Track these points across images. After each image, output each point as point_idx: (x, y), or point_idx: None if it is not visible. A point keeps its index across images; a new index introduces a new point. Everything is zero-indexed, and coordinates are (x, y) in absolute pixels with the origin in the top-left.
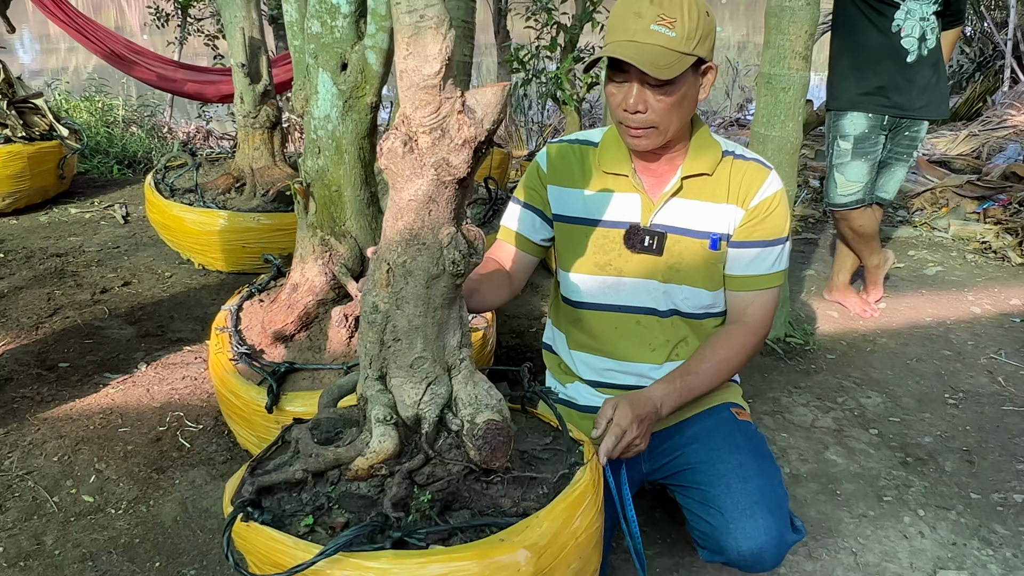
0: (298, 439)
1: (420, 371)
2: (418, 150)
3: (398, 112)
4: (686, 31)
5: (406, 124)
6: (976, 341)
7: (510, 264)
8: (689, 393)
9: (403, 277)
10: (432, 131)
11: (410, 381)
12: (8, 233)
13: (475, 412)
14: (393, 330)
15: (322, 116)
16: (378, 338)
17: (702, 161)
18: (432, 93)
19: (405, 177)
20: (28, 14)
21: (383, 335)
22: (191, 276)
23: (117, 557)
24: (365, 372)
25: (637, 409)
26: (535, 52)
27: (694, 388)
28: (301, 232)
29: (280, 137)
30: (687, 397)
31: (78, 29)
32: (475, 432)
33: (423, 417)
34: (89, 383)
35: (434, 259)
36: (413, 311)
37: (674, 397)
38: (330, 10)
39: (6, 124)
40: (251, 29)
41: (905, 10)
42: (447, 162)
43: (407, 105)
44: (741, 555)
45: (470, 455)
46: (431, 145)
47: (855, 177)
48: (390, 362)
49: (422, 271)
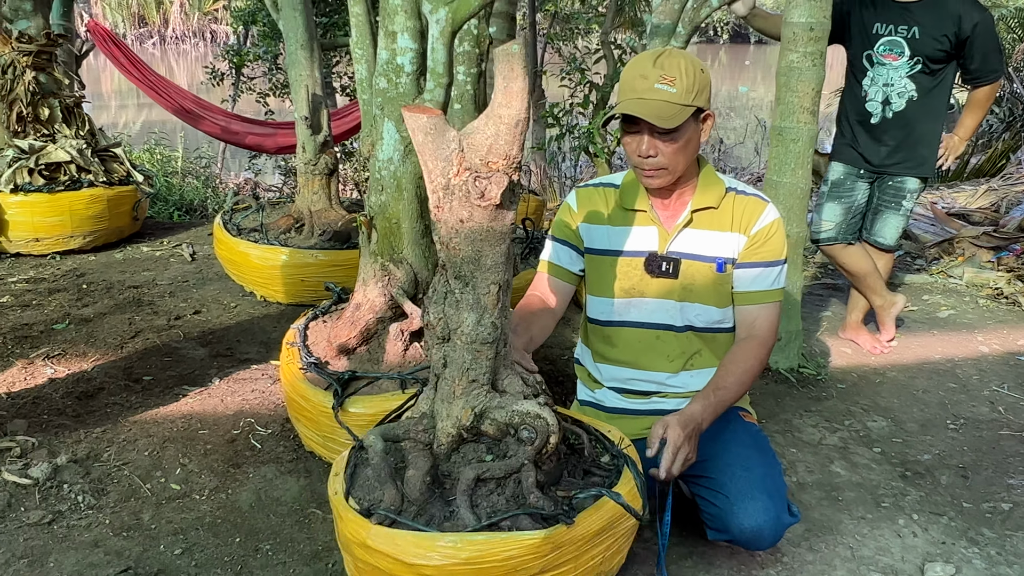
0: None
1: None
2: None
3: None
4: (684, 87)
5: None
6: (981, 376)
7: (551, 293)
8: (722, 405)
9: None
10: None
11: (513, 374)
12: (88, 268)
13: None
14: (504, 338)
15: (385, 159)
16: (495, 352)
17: (708, 196)
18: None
19: (507, 208)
20: (83, 73)
21: (498, 348)
22: (254, 307)
23: (203, 533)
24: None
25: (686, 428)
26: (568, 109)
27: (725, 400)
28: (364, 259)
29: (336, 183)
30: (721, 409)
31: (151, 86)
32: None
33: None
34: (170, 394)
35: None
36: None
37: (711, 410)
38: (395, 70)
39: (89, 170)
40: (314, 87)
41: (871, 76)
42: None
43: (514, 148)
44: (743, 532)
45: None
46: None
47: (828, 217)
48: (500, 368)
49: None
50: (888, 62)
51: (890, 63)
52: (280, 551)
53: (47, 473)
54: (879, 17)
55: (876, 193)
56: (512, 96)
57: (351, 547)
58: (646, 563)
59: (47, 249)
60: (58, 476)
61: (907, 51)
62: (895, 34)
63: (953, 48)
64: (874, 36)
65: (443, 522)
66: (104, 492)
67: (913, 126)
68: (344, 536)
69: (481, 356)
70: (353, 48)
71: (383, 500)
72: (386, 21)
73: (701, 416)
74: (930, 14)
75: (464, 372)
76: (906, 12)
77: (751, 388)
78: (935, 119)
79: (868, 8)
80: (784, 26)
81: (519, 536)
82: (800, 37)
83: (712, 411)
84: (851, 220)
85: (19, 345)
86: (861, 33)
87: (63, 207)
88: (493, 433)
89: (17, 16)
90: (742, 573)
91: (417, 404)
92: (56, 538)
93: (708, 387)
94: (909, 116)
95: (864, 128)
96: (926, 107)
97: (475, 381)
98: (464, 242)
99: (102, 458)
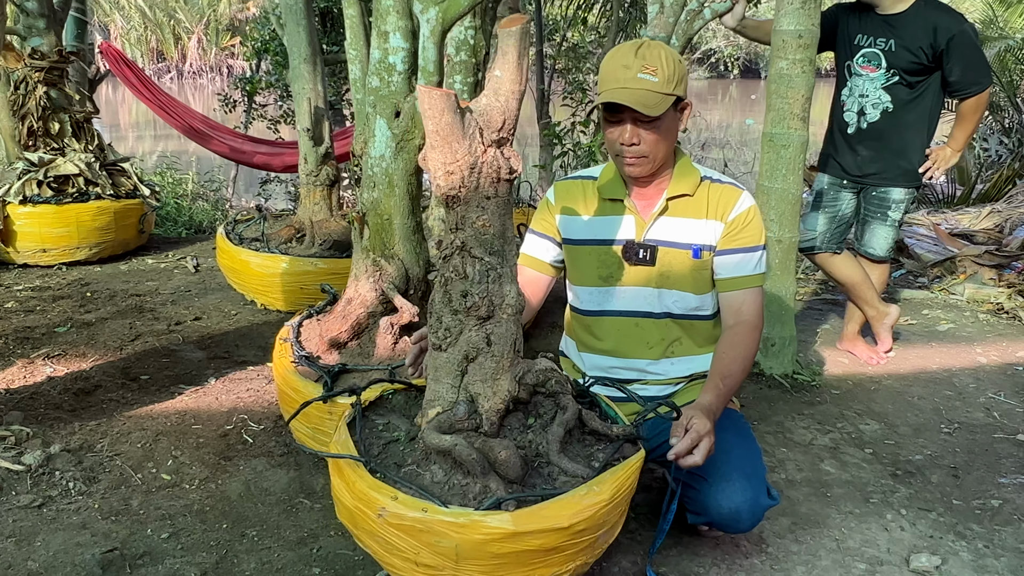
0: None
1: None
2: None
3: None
4: (665, 76)
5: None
6: (978, 384)
7: (527, 284)
8: (729, 392)
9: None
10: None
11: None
12: (93, 278)
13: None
14: None
15: (377, 156)
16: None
17: (684, 184)
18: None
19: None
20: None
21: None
22: (254, 314)
23: (191, 519)
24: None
25: (710, 419)
26: (571, 127)
27: (732, 386)
28: (356, 254)
29: (338, 194)
30: (729, 395)
31: (161, 105)
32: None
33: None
34: (166, 392)
35: None
36: None
37: (723, 399)
38: (387, 68)
39: (97, 183)
40: (316, 99)
41: (850, 86)
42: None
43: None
44: (720, 514)
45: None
46: None
47: (811, 226)
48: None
49: None
50: (865, 73)
51: (867, 74)
52: (266, 537)
53: (40, 460)
54: (862, 28)
55: (862, 204)
56: (513, 69)
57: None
58: (630, 552)
59: (54, 260)
60: (50, 464)
61: (884, 63)
62: (874, 46)
63: (931, 61)
64: (855, 47)
65: (557, 483)
66: (95, 480)
67: (888, 138)
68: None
69: (512, 327)
70: (347, 49)
71: (495, 491)
72: (378, 21)
73: (717, 405)
74: (909, 27)
75: (512, 344)
76: (886, 25)
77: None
78: (915, 131)
79: (854, 19)
80: (774, 34)
81: (625, 466)
82: (789, 44)
83: (723, 399)
84: (835, 229)
85: (20, 346)
86: (845, 43)
87: (70, 218)
88: (524, 397)
89: (31, 34)
90: (726, 562)
91: (432, 399)
92: (45, 520)
93: (713, 377)
94: (882, 128)
95: (843, 138)
96: (903, 119)
97: (519, 351)
98: (493, 217)
99: (95, 449)
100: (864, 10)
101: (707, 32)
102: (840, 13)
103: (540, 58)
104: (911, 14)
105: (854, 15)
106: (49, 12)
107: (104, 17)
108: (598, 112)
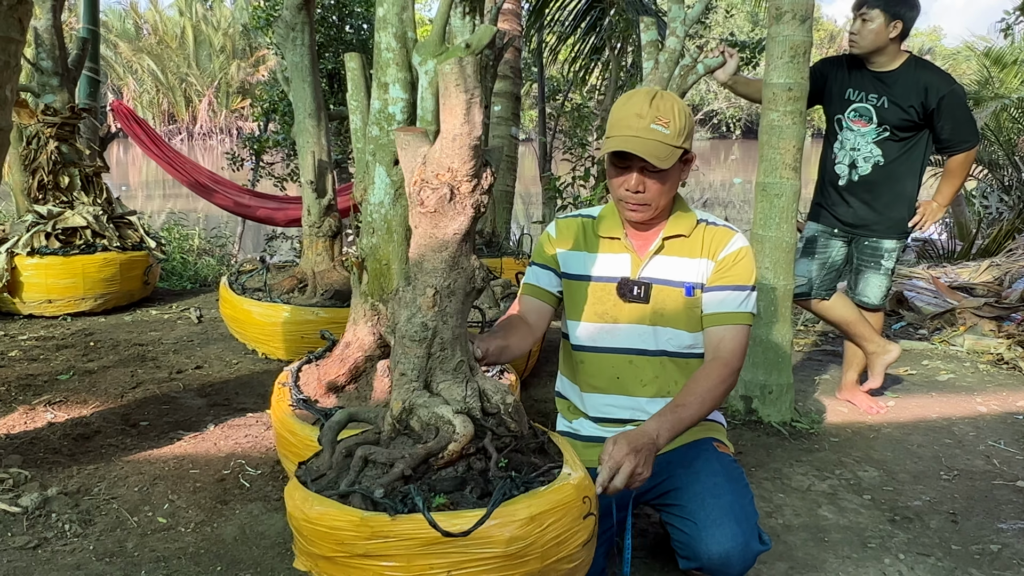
0: (367, 455)
1: (461, 373)
2: (460, 195)
3: (432, 170)
4: (677, 129)
5: (451, 175)
6: (978, 433)
7: (529, 311)
8: (680, 423)
9: (448, 296)
10: (472, 179)
11: (455, 382)
12: (97, 328)
13: (502, 397)
14: (440, 342)
15: (376, 202)
16: (426, 352)
17: (680, 225)
18: (476, 152)
19: (449, 217)
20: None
21: (430, 349)
22: (255, 363)
23: (185, 562)
24: (411, 385)
25: (633, 443)
26: (571, 181)
27: (684, 419)
28: (355, 299)
29: (340, 245)
30: (679, 427)
31: (168, 161)
32: (510, 410)
33: (471, 407)
34: (165, 437)
35: (468, 279)
36: (455, 324)
37: (668, 428)
38: (387, 118)
39: (104, 235)
40: (320, 152)
41: (840, 140)
42: (482, 203)
43: (455, 161)
44: (711, 559)
45: (511, 427)
46: (471, 190)
47: (801, 272)
48: (436, 370)
49: (462, 290)
50: (856, 127)
51: (858, 128)
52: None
53: (37, 502)
54: (853, 83)
55: (855, 253)
56: (448, 113)
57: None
58: None
59: (59, 310)
60: (47, 506)
61: (875, 118)
62: (865, 101)
63: (921, 119)
64: (846, 101)
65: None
66: (91, 522)
67: (880, 191)
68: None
69: (410, 352)
70: (349, 100)
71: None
72: (379, 73)
73: (656, 432)
74: (900, 85)
75: (396, 364)
76: (878, 81)
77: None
78: (904, 183)
79: (844, 74)
80: (764, 87)
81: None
82: (780, 97)
83: (669, 427)
84: (826, 276)
85: (22, 392)
86: (836, 97)
87: (76, 270)
88: (418, 430)
89: (44, 91)
90: None
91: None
92: (39, 561)
93: (668, 405)
94: (874, 181)
95: (835, 189)
96: (894, 173)
97: (404, 375)
98: (413, 246)
99: (92, 492)
100: (856, 66)
101: (708, 94)
102: (828, 67)
103: (542, 116)
104: (903, 72)
105: (844, 70)
106: (63, 71)
107: (118, 80)
108: (604, 157)
